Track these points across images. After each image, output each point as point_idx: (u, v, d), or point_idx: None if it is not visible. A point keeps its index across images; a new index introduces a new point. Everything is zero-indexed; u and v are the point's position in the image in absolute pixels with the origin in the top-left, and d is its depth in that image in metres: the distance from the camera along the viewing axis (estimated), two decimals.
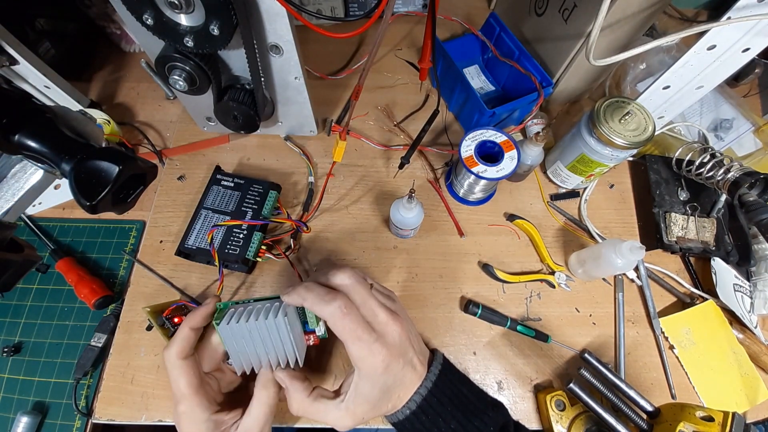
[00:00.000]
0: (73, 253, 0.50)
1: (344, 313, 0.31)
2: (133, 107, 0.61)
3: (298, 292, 0.33)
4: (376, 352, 0.31)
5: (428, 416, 0.32)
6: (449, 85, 0.59)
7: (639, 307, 0.51)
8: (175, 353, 0.33)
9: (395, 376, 0.32)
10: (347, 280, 0.34)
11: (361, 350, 0.31)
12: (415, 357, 0.34)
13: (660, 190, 0.54)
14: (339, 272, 0.34)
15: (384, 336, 0.32)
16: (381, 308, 0.33)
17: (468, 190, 0.52)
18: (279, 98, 0.50)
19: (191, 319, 0.35)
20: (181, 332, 0.34)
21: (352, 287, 0.33)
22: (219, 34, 0.35)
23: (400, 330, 0.33)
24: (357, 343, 0.31)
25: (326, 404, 0.33)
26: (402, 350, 0.33)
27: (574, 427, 0.41)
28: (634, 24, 0.48)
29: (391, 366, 0.31)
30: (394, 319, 0.33)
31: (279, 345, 0.34)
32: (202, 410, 0.33)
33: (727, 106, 0.61)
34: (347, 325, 0.31)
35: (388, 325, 0.32)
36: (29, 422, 0.42)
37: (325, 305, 0.31)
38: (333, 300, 0.31)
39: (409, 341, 0.34)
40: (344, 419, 0.32)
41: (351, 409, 0.32)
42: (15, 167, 0.31)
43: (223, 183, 0.50)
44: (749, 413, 0.47)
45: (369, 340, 0.31)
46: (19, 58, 0.45)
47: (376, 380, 0.31)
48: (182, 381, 0.33)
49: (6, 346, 0.46)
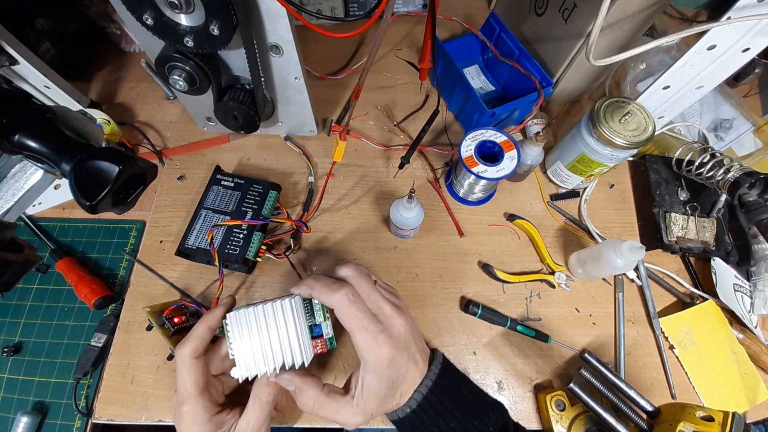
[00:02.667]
0: (73, 253, 0.50)
1: (351, 301, 0.31)
2: (133, 107, 0.61)
3: (306, 283, 0.33)
4: (382, 343, 0.31)
5: (429, 415, 0.32)
6: (449, 85, 0.59)
7: (639, 307, 0.51)
8: (188, 351, 0.33)
9: (399, 370, 0.32)
10: (351, 272, 0.34)
11: (366, 340, 0.31)
12: (417, 353, 0.34)
13: (660, 190, 0.54)
14: (344, 266, 0.35)
15: (389, 328, 0.32)
16: (385, 302, 0.33)
17: (468, 190, 0.52)
18: (279, 98, 0.50)
19: (208, 319, 0.35)
20: (196, 330, 0.34)
21: (356, 280, 0.34)
22: (219, 34, 0.35)
23: (404, 324, 0.33)
24: (363, 333, 0.31)
25: (338, 401, 0.33)
26: (406, 344, 0.33)
27: (574, 427, 0.41)
28: (634, 24, 0.48)
29: (395, 359, 0.31)
30: (399, 313, 0.33)
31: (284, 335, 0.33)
32: (205, 412, 0.32)
33: (727, 106, 0.61)
34: (354, 313, 0.31)
35: (393, 318, 0.33)
36: (29, 422, 0.42)
37: (332, 293, 0.32)
38: (340, 288, 0.32)
39: (413, 337, 0.34)
40: (355, 416, 0.32)
41: (361, 405, 0.32)
42: (15, 167, 0.31)
43: (223, 183, 0.50)
44: (749, 413, 0.47)
45: (375, 330, 0.31)
46: (19, 58, 0.46)
47: (382, 373, 0.31)
48: (190, 381, 0.33)
49: (6, 346, 0.46)
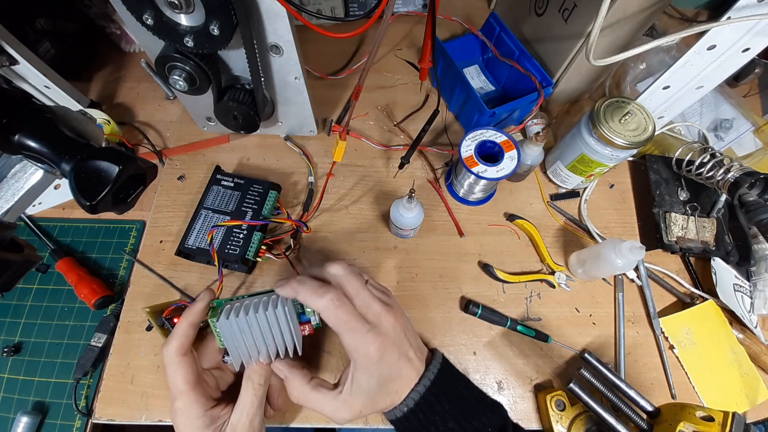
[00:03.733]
0: (73, 253, 0.50)
1: (336, 306, 0.31)
2: (133, 107, 0.61)
3: (291, 285, 0.33)
4: (370, 342, 0.31)
5: (426, 414, 0.32)
6: (449, 85, 0.59)
7: (639, 307, 0.51)
8: (173, 350, 0.33)
9: (391, 367, 0.32)
10: (341, 271, 0.34)
11: (354, 340, 0.31)
12: (411, 351, 0.34)
13: (660, 190, 0.54)
14: (334, 264, 0.35)
15: (377, 326, 0.32)
16: (374, 300, 0.33)
17: (468, 190, 0.52)
18: (279, 98, 0.50)
19: (189, 315, 0.35)
20: (179, 328, 0.34)
21: (346, 278, 0.34)
22: (219, 34, 0.35)
23: (393, 321, 0.33)
24: (350, 334, 0.31)
25: (325, 394, 0.33)
26: (397, 341, 0.33)
27: (574, 427, 0.41)
28: (634, 24, 0.48)
29: (385, 356, 0.31)
30: (388, 310, 0.33)
31: (279, 336, 0.34)
32: (198, 406, 0.33)
33: (727, 106, 0.61)
34: (340, 317, 0.31)
35: (382, 316, 0.33)
36: (29, 422, 0.42)
37: (317, 298, 0.32)
38: (326, 293, 0.32)
39: (405, 334, 0.34)
40: (342, 411, 0.33)
41: (349, 401, 0.32)
42: (15, 167, 0.32)
43: (223, 183, 0.50)
44: (749, 413, 0.47)
45: (362, 330, 0.31)
46: (19, 58, 0.45)
47: (372, 370, 0.31)
48: (179, 377, 0.33)
49: (6, 346, 0.46)
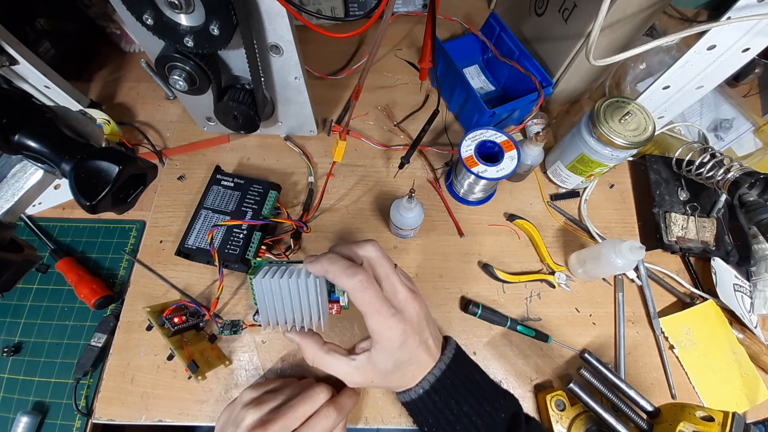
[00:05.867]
0: (73, 253, 0.50)
1: (365, 287, 0.31)
2: (133, 107, 0.61)
3: (321, 263, 0.33)
4: (394, 327, 0.31)
5: (441, 397, 0.33)
6: (449, 85, 0.59)
7: (639, 307, 0.51)
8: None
9: (410, 353, 0.32)
10: (373, 252, 0.34)
11: (379, 323, 0.31)
12: (430, 338, 0.34)
13: (660, 190, 0.54)
14: (365, 245, 0.34)
15: (403, 312, 0.32)
16: (402, 285, 0.33)
17: (468, 190, 0.52)
18: (279, 98, 0.50)
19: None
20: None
21: (378, 260, 0.34)
22: (219, 34, 0.35)
23: (418, 308, 0.33)
24: (375, 317, 0.31)
25: (338, 359, 0.35)
26: (419, 328, 0.33)
27: (574, 427, 0.41)
28: (634, 24, 0.48)
29: (407, 342, 0.32)
30: (414, 297, 0.33)
31: (306, 305, 0.35)
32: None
33: (727, 106, 0.61)
34: (367, 299, 0.31)
35: (408, 302, 0.33)
36: (29, 422, 0.42)
37: (347, 278, 0.31)
38: (355, 274, 0.32)
39: (426, 322, 0.34)
40: (353, 375, 0.34)
41: (361, 370, 0.34)
42: (15, 167, 0.31)
43: (223, 183, 0.50)
44: (749, 413, 0.47)
45: (387, 314, 0.31)
46: (19, 58, 0.45)
47: (391, 354, 0.32)
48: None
49: (6, 346, 0.46)
